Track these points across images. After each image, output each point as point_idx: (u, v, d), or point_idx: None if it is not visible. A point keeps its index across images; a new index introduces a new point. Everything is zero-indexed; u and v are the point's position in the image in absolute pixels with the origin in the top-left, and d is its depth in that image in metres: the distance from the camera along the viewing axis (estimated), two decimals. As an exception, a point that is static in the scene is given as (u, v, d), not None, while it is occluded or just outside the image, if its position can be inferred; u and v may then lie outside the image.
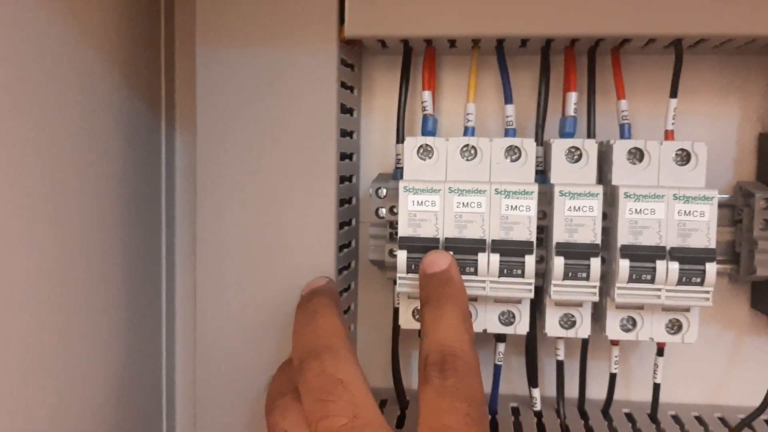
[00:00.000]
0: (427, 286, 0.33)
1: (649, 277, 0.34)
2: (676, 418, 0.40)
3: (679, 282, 0.34)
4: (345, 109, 0.38)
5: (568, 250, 0.34)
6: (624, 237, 0.34)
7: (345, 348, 0.30)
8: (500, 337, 0.39)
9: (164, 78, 0.43)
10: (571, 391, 0.40)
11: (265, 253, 0.36)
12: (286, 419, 0.29)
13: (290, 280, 0.36)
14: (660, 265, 0.34)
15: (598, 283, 0.34)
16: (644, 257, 0.34)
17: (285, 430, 0.29)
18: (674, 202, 0.34)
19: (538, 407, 0.40)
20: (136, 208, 0.39)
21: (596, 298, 0.34)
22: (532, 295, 0.35)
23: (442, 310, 0.31)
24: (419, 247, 0.35)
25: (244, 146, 0.36)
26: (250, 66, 0.36)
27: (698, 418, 0.40)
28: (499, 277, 0.34)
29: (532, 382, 0.40)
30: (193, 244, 0.43)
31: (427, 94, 0.38)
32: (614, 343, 0.39)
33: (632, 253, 0.34)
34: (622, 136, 0.37)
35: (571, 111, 0.38)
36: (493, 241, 0.34)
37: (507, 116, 0.38)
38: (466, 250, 0.34)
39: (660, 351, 0.39)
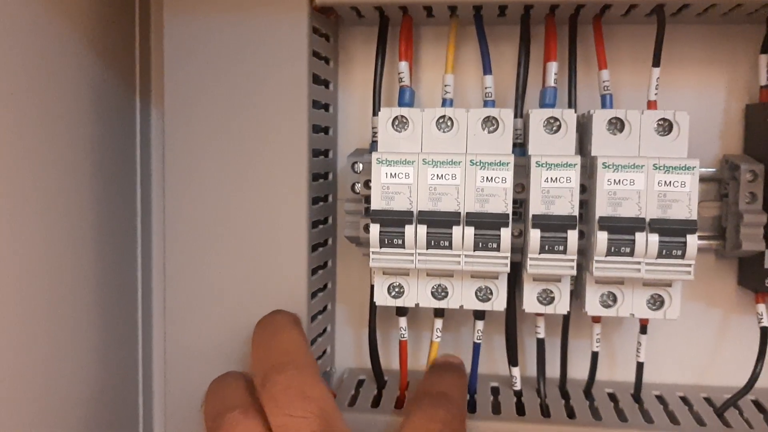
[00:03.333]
0: (434, 364, 0.38)
1: (628, 249, 0.33)
2: (660, 398, 0.39)
3: (660, 255, 0.33)
4: (319, 80, 0.37)
5: (544, 222, 0.33)
6: (602, 208, 0.33)
7: (310, 364, 0.30)
8: (479, 315, 0.38)
9: (139, 52, 0.42)
10: (552, 370, 0.39)
11: (235, 228, 0.35)
12: None
13: (262, 255, 0.35)
14: (639, 237, 0.32)
15: (575, 257, 0.33)
16: (623, 229, 0.33)
17: None
18: (654, 173, 0.33)
19: (518, 387, 0.39)
20: (109, 188, 0.39)
21: (573, 272, 0.33)
22: (508, 269, 0.34)
23: (445, 373, 0.36)
24: (392, 220, 0.34)
25: (213, 118, 0.35)
26: (219, 35, 0.35)
27: (683, 399, 0.39)
28: (474, 250, 0.33)
29: (512, 360, 0.39)
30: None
31: (403, 65, 0.37)
32: (596, 320, 0.38)
33: (611, 224, 0.33)
34: (603, 107, 0.36)
35: (551, 81, 0.36)
36: (467, 213, 0.33)
37: (486, 87, 0.37)
38: (440, 223, 0.33)
39: (643, 329, 0.38)
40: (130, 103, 0.41)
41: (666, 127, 0.34)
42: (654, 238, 0.32)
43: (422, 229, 0.33)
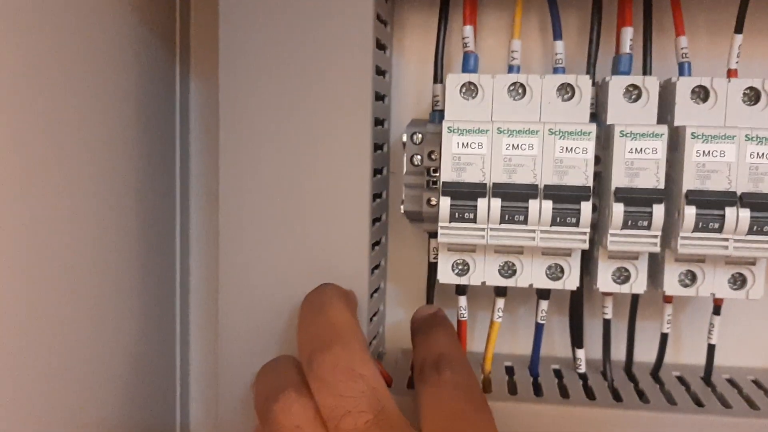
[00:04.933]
0: (415, 325, 0.35)
1: (716, 225, 0.31)
2: (731, 382, 0.37)
3: (750, 231, 0.31)
4: (379, 45, 0.35)
5: (628, 195, 0.31)
6: (690, 182, 0.31)
7: (358, 341, 0.28)
8: (544, 294, 0.36)
9: (179, 20, 0.40)
10: (617, 353, 0.38)
11: (293, 201, 0.33)
12: (292, 416, 0.27)
13: (322, 230, 0.33)
14: (729, 212, 0.31)
15: (659, 233, 0.31)
16: (712, 204, 0.31)
17: (296, 426, 0.26)
18: (746, 144, 0.31)
19: (582, 369, 0.38)
20: (149, 160, 0.36)
21: (657, 249, 0.31)
22: (586, 245, 0.32)
23: (430, 332, 0.33)
24: (464, 192, 0.31)
25: (270, 85, 0.33)
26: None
27: (755, 382, 0.37)
28: (551, 226, 0.32)
29: (577, 342, 0.37)
30: (210, 202, 0.41)
31: (468, 29, 0.35)
32: (667, 300, 0.36)
33: (699, 198, 0.31)
34: (681, 76, 0.34)
35: (626, 48, 0.34)
36: (545, 186, 0.31)
37: (556, 54, 0.35)
38: (515, 196, 0.31)
39: (716, 309, 0.36)
40: (170, 70, 0.39)
41: (753, 96, 0.32)
42: (745, 214, 0.30)
43: (496, 203, 0.31)
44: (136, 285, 0.36)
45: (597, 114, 0.34)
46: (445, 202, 0.32)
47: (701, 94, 0.32)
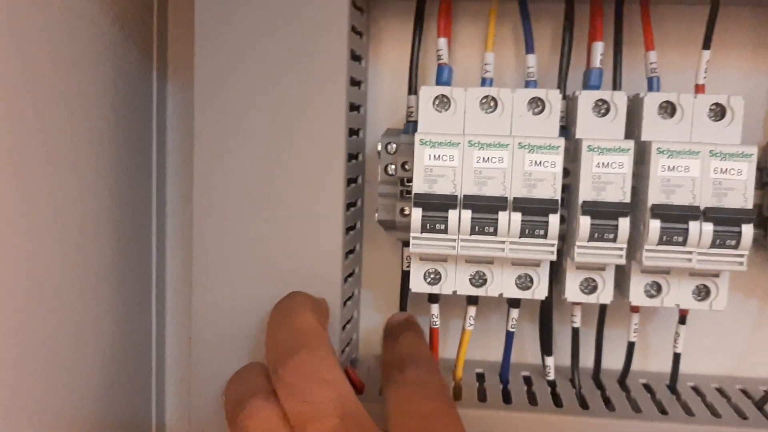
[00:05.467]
0: (386, 332, 0.35)
1: (680, 239, 0.32)
2: (696, 390, 0.38)
3: (713, 245, 0.31)
4: (354, 56, 0.35)
5: (595, 209, 0.32)
6: (655, 196, 0.32)
7: (324, 347, 0.28)
8: (514, 303, 0.37)
9: (156, 25, 0.40)
10: (585, 360, 0.39)
11: (266, 210, 0.33)
12: (260, 422, 0.27)
13: (296, 238, 0.33)
14: (693, 226, 0.31)
15: (625, 245, 0.32)
16: (676, 217, 0.31)
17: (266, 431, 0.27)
18: (710, 159, 0.31)
19: (551, 377, 0.38)
20: (124, 162, 0.37)
21: (623, 261, 0.32)
22: (554, 257, 0.33)
23: (399, 336, 0.33)
24: (436, 204, 0.32)
25: (245, 93, 0.33)
26: (255, 6, 0.33)
27: (719, 390, 0.38)
28: (520, 237, 0.32)
29: (546, 350, 0.38)
30: (186, 204, 0.41)
31: (442, 42, 0.36)
32: (634, 309, 0.37)
33: (663, 212, 0.31)
34: (650, 90, 0.35)
35: (596, 62, 0.35)
36: (515, 198, 0.32)
37: (528, 67, 0.35)
38: (485, 208, 0.32)
39: (682, 319, 0.37)
40: (147, 74, 0.39)
41: (719, 112, 0.33)
42: (708, 227, 0.31)
43: (467, 215, 0.32)
44: (112, 284, 0.36)
45: (568, 127, 0.35)
46: (416, 214, 0.32)
47: (668, 109, 0.33)
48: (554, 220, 0.32)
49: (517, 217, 0.32)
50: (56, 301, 0.31)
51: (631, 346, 0.37)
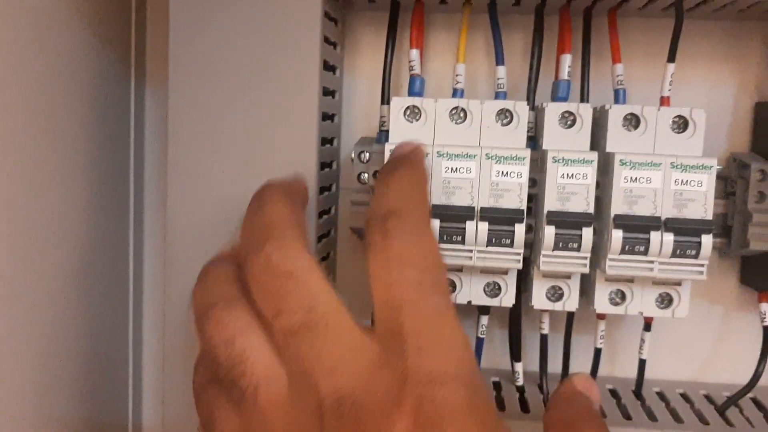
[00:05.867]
0: (384, 166, 0.31)
1: (642, 248, 0.32)
2: (661, 395, 0.39)
3: (673, 254, 0.32)
4: (327, 66, 0.36)
5: (559, 219, 0.32)
6: (618, 206, 0.32)
7: (291, 236, 0.26)
8: (484, 309, 0.38)
9: (134, 26, 0.40)
10: (555, 366, 0.39)
11: (240, 214, 0.34)
12: (224, 328, 0.25)
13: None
14: (654, 236, 0.32)
15: (589, 254, 0.33)
16: (638, 228, 0.32)
17: (229, 337, 0.25)
18: (671, 171, 0.32)
19: (520, 382, 0.39)
20: (102, 166, 0.37)
21: (587, 270, 0.33)
22: (520, 265, 0.33)
23: (390, 176, 0.28)
24: (404, 213, 0.33)
25: (218, 104, 0.34)
26: (228, 16, 0.33)
27: (684, 395, 0.39)
28: (487, 246, 0.33)
29: (515, 356, 0.39)
30: (164, 206, 0.41)
31: (414, 53, 0.36)
32: (600, 317, 0.38)
33: (626, 223, 0.32)
34: (616, 102, 0.36)
35: (564, 74, 0.36)
36: (482, 208, 0.33)
37: (498, 78, 0.36)
38: (453, 217, 0.33)
39: (647, 326, 0.38)
40: (126, 83, 0.40)
41: (681, 124, 0.34)
42: (669, 238, 0.32)
43: (435, 224, 0.33)
44: (88, 285, 0.36)
45: (536, 138, 0.35)
46: (385, 222, 0.33)
47: (633, 121, 0.34)
48: (520, 229, 0.33)
49: (484, 226, 0.33)
50: (31, 302, 0.31)
51: (597, 352, 0.38)
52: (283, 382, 0.24)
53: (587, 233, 0.32)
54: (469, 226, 0.33)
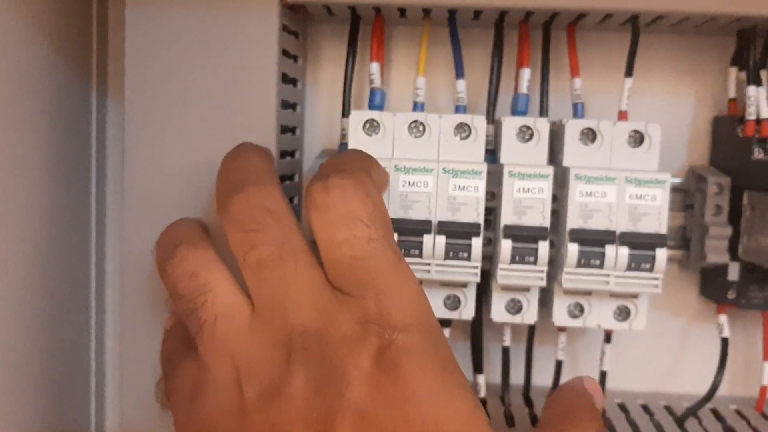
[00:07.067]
0: None
1: (597, 262, 0.33)
2: (621, 406, 0.39)
3: (628, 268, 0.33)
4: (287, 79, 0.36)
5: (516, 233, 0.33)
6: (574, 220, 0.33)
7: (270, 181, 0.27)
8: (445, 322, 0.38)
9: (96, 42, 0.40)
10: (517, 377, 0.39)
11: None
12: (187, 264, 0.26)
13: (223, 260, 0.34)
14: (609, 249, 0.32)
15: (545, 268, 0.33)
16: (594, 242, 0.33)
17: (191, 273, 0.26)
18: (626, 185, 0.33)
19: (482, 394, 0.39)
20: (63, 182, 0.37)
21: (544, 283, 0.33)
22: (478, 279, 0.33)
23: (336, 155, 0.30)
24: (361, 227, 0.33)
25: (175, 118, 0.33)
26: (184, 30, 0.33)
27: (644, 407, 0.39)
28: (444, 259, 0.33)
29: (477, 368, 0.39)
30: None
31: (375, 66, 0.36)
32: (561, 329, 0.38)
33: (582, 237, 0.33)
34: (575, 116, 0.36)
35: (523, 88, 0.36)
36: (439, 222, 0.33)
37: (458, 92, 0.36)
38: (411, 231, 0.33)
39: (608, 338, 0.38)
40: (86, 95, 0.40)
41: (638, 138, 0.34)
42: (624, 251, 0.32)
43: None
44: (49, 289, 0.36)
45: (495, 151, 0.36)
46: (343, 236, 0.33)
47: (590, 135, 0.34)
48: (477, 242, 0.33)
49: (441, 240, 0.33)
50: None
51: (559, 364, 0.38)
52: (246, 315, 0.25)
53: (543, 247, 0.33)
54: (427, 239, 0.33)
